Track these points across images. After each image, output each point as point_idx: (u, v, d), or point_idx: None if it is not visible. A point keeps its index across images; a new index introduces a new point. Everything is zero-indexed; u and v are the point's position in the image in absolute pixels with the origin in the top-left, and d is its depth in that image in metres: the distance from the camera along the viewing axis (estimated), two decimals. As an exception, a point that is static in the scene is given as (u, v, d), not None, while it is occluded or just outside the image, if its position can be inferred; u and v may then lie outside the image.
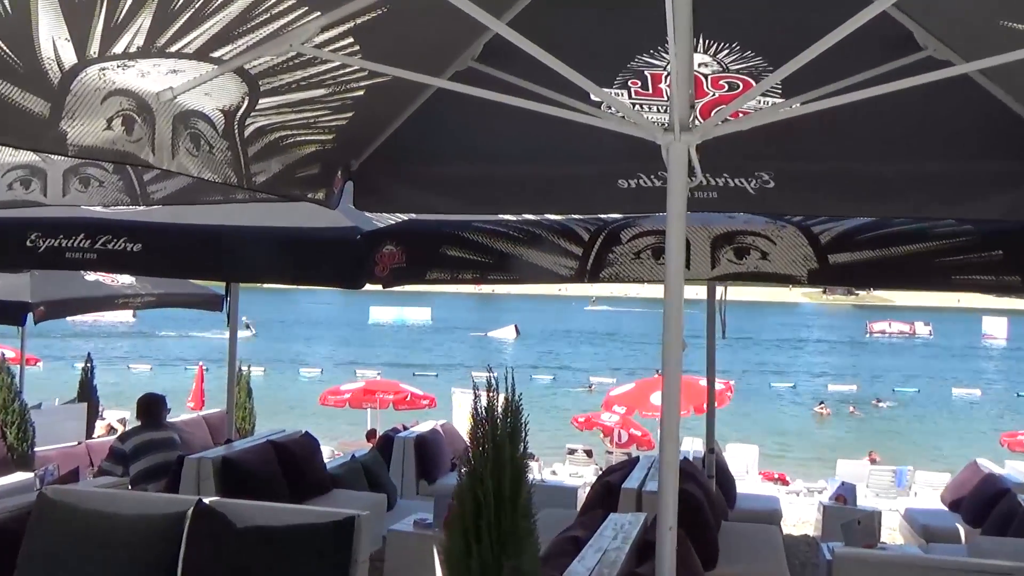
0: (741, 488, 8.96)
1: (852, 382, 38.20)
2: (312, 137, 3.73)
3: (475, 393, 2.51)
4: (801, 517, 10.29)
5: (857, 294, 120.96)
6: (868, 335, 67.94)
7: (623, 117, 3.00)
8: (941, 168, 3.90)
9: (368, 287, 5.22)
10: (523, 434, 2.57)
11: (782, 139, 3.94)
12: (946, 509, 8.32)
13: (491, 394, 2.59)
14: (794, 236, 4.35)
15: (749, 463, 13.80)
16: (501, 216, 4.84)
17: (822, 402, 31.17)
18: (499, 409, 2.63)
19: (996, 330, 69.66)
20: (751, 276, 4.42)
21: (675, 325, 2.72)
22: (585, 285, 4.92)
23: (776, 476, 14.92)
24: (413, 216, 5.35)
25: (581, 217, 4.73)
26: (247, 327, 60.66)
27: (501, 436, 2.49)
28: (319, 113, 3.55)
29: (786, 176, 4.05)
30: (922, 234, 4.23)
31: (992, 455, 12.25)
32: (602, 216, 4.72)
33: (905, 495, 12.51)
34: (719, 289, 6.63)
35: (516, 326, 60.73)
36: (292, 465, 6.83)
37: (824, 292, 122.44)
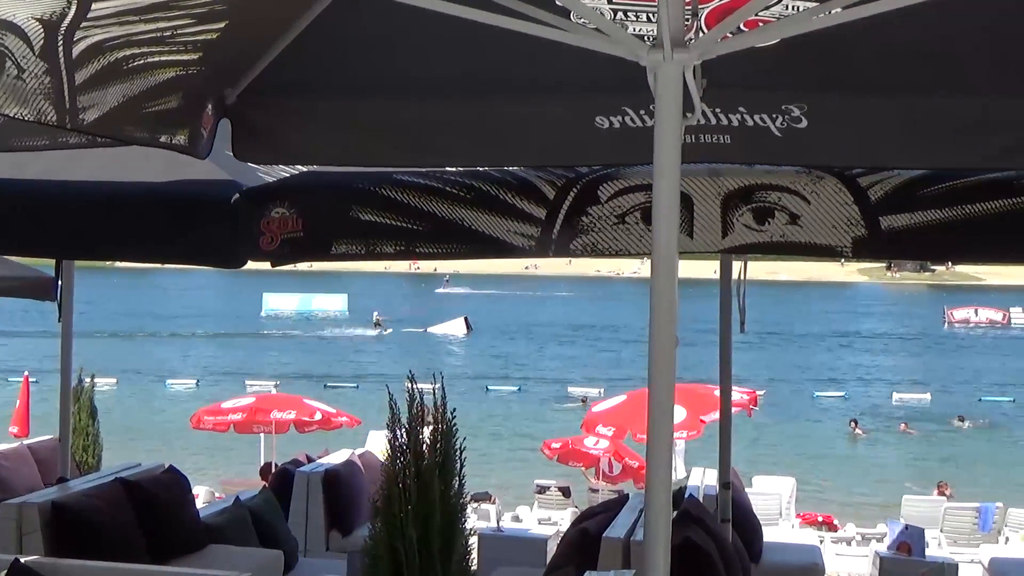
0: (771, 535, 9.09)
1: (924, 390, 38.89)
2: (168, 57, 3.70)
3: (392, 409, 2.53)
4: (852, 572, 10.49)
5: (933, 270, 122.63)
6: (946, 325, 69.03)
7: (595, 29, 3.02)
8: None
9: (253, 265, 5.20)
10: (459, 465, 2.59)
11: (818, 60, 3.99)
12: (1044, 559, 8.54)
13: (415, 412, 2.62)
14: (835, 192, 4.40)
15: (784, 501, 14.01)
16: (433, 168, 4.84)
17: (854, 420, 31.67)
18: (426, 433, 2.65)
19: (1122, 317, 71.20)
20: (777, 247, 4.47)
21: (666, 315, 2.76)
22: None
23: (820, 519, 15.19)
24: (315, 168, 5.34)
25: (546, 168, 4.74)
26: (377, 324, 60.97)
27: (428, 469, 2.51)
28: (178, 23, 3.52)
29: (823, 111, 4.11)
30: (1007, 187, 4.30)
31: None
32: (574, 166, 4.74)
33: (992, 541, 12.77)
34: (736, 265, 6.68)
35: (466, 319, 60.78)
36: (152, 512, 6.81)
37: (889, 268, 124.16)
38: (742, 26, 3.85)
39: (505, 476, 22.35)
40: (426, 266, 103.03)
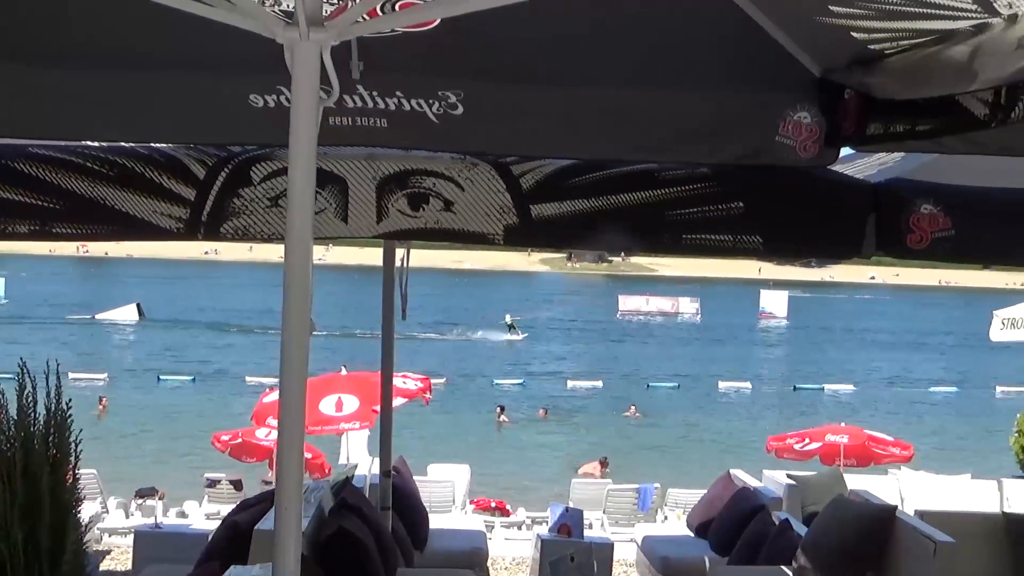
0: (441, 522, 9.28)
1: (597, 377, 40.86)
2: None
3: (-3, 400, 2.37)
4: (518, 556, 10.85)
5: (611, 261, 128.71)
6: (619, 314, 72.66)
7: (230, 2, 2.95)
8: (672, 98, 4.23)
9: None
10: (73, 459, 2.47)
11: (476, 48, 4.08)
12: (692, 535, 9.12)
13: (25, 402, 2.47)
14: (488, 179, 4.50)
15: (458, 488, 14.30)
16: (75, 142, 4.60)
17: (502, 407, 32.72)
18: (39, 424, 2.51)
19: (775, 306, 77.34)
20: (431, 233, 4.53)
21: (299, 301, 2.74)
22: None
23: (493, 505, 15.64)
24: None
25: (195, 146, 4.61)
26: (511, 328, 54.76)
27: (37, 463, 2.37)
28: None
29: (479, 98, 4.20)
30: (648, 179, 4.54)
31: (760, 464, 13.61)
32: (227, 146, 4.63)
33: (651, 520, 13.57)
34: (399, 252, 6.75)
35: (139, 305, 58.61)
36: None
37: (570, 258, 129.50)
38: (397, 8, 3.90)
39: (176, 470, 21.71)
40: (97, 248, 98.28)
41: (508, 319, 57.43)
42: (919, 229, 4.59)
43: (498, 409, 32.41)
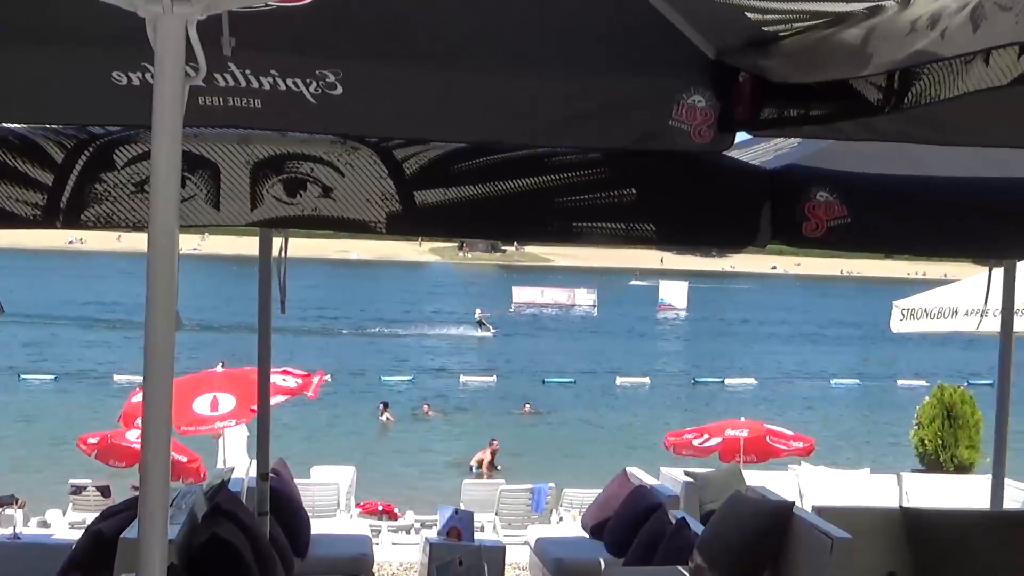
0: (324, 527, 9.22)
1: (490, 372, 41.03)
2: None
3: None
4: (405, 561, 10.84)
5: (504, 250, 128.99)
6: (513, 307, 72.88)
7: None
8: (561, 80, 4.26)
9: None
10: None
11: (357, 27, 4.06)
12: (586, 535, 9.21)
13: None
14: (369, 164, 4.48)
15: (343, 491, 14.23)
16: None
17: (385, 403, 32.63)
18: None
19: (674, 298, 78.47)
20: (309, 221, 4.50)
21: (164, 293, 2.70)
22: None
23: (380, 508, 15.60)
24: None
25: (54, 127, 4.50)
26: (480, 324, 56.77)
27: None
28: None
29: (359, 79, 4.17)
30: (538, 164, 4.56)
31: (658, 462, 13.80)
32: (88, 127, 4.54)
33: (545, 521, 13.67)
34: (276, 241, 6.67)
35: (-5, 297, 57.04)
36: None
37: (461, 248, 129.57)
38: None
39: (38, 476, 21.24)
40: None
41: (478, 315, 59.28)
42: (815, 217, 4.69)
43: (381, 406, 32.17)
